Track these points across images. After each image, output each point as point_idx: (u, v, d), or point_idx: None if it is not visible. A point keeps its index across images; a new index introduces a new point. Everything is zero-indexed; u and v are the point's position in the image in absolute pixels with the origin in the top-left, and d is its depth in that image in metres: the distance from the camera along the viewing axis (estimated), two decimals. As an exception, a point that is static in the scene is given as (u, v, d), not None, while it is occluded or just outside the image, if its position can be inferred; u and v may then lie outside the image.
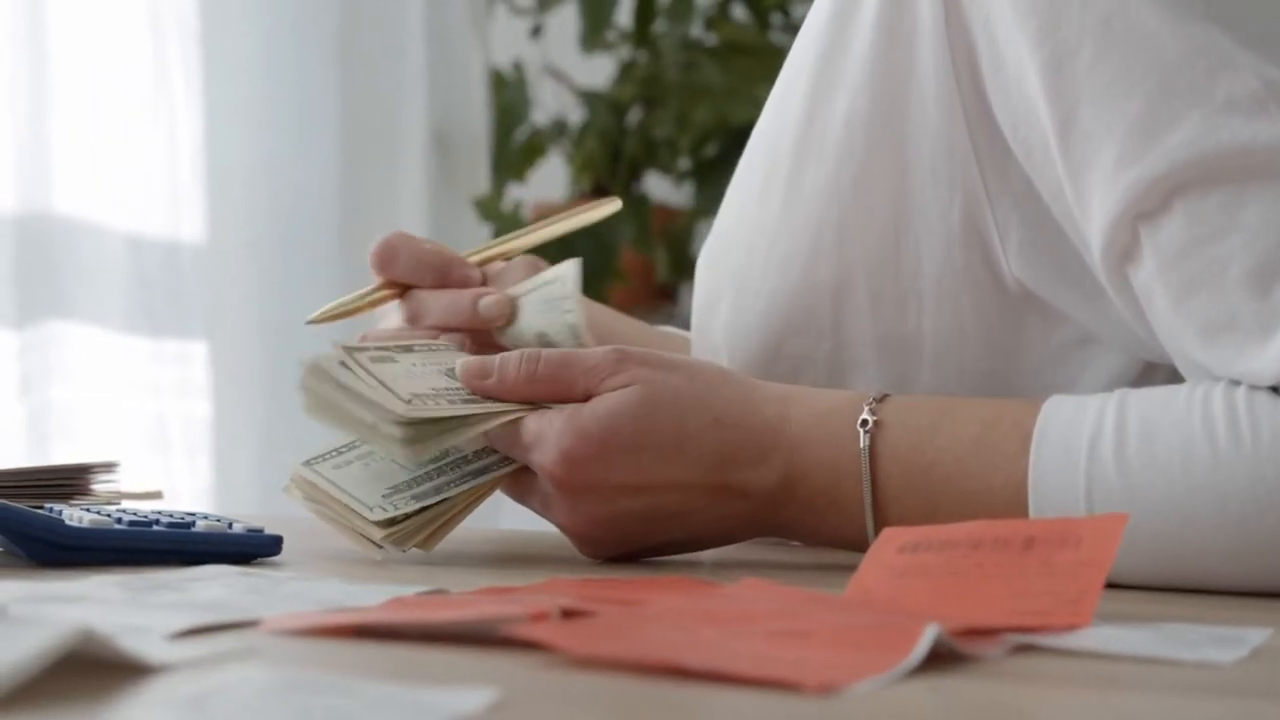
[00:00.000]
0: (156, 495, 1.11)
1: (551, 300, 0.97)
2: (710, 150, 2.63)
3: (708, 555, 0.94)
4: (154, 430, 1.91)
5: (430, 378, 0.90)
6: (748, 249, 0.99)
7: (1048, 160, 0.86)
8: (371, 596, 0.70)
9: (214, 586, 0.73)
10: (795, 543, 1.03)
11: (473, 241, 2.48)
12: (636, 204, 2.61)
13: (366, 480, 0.90)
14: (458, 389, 0.89)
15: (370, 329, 1.03)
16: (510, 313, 0.98)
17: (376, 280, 1.01)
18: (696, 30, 2.65)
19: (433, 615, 0.61)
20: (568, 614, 0.60)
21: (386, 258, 1.00)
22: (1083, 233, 0.86)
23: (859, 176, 0.93)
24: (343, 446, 0.93)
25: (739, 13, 2.65)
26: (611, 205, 1.06)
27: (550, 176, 2.72)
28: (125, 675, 0.52)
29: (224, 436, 2.01)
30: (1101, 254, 0.85)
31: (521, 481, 0.90)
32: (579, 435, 0.86)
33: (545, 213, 2.59)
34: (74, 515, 0.84)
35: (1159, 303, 0.84)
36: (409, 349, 0.92)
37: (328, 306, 1.01)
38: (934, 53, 0.90)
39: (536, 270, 1.01)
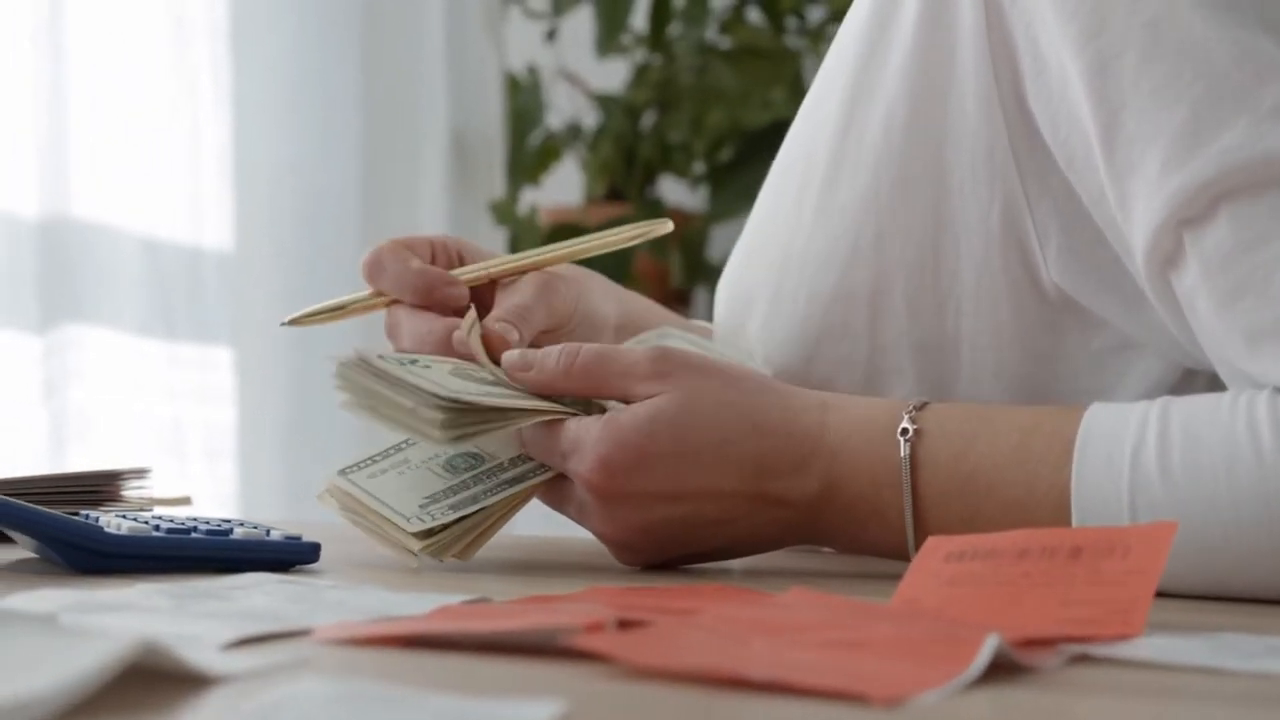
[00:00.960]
0: (185, 501, 1.11)
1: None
2: (725, 154, 2.63)
3: (739, 563, 0.94)
4: (172, 436, 1.91)
5: (467, 380, 0.90)
6: (782, 254, 0.99)
7: (1090, 165, 0.86)
8: (415, 605, 0.70)
9: (256, 595, 0.73)
10: (828, 550, 1.03)
11: (488, 246, 2.48)
12: (651, 208, 2.61)
13: (402, 490, 0.89)
14: (496, 388, 0.89)
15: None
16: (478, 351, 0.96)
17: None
18: (711, 34, 2.65)
19: (487, 625, 0.61)
20: (623, 624, 0.60)
21: (373, 270, 0.97)
22: (1125, 238, 0.86)
23: (897, 182, 0.93)
24: (377, 455, 0.92)
25: (754, 16, 2.65)
26: (662, 227, 1.01)
27: (564, 180, 2.72)
28: (183, 686, 0.52)
29: (249, 442, 2.01)
30: (1144, 260, 0.85)
31: (558, 488, 0.89)
32: (616, 443, 0.85)
33: (560, 219, 2.59)
34: (112, 522, 0.84)
35: (1202, 309, 0.83)
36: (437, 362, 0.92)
37: (312, 307, 1.00)
38: (974, 58, 0.90)
39: (544, 292, 0.98)
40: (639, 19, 2.66)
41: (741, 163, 2.59)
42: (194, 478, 1.92)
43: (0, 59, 1.81)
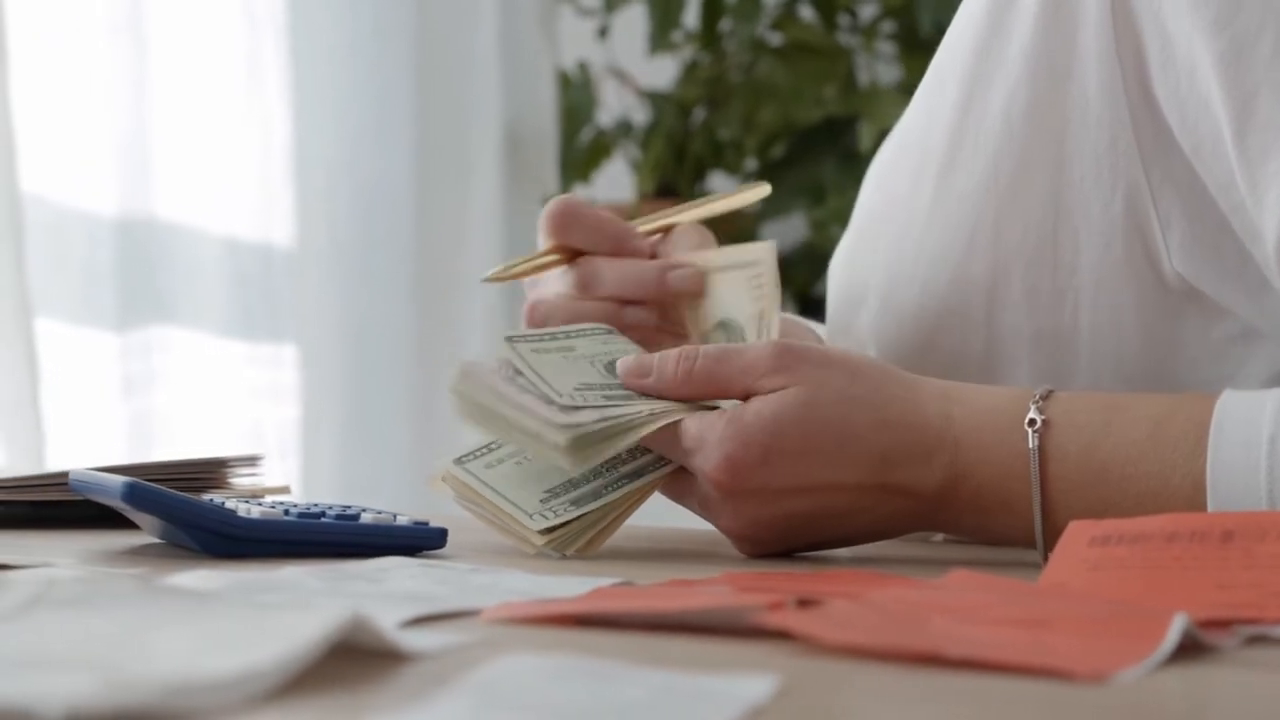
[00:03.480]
0: (285, 490, 1.11)
1: (746, 282, 0.96)
2: (777, 151, 2.62)
3: (843, 550, 0.94)
4: (250, 433, 1.92)
5: (589, 371, 0.89)
6: (896, 246, 0.98)
7: (1219, 152, 0.86)
8: (566, 587, 0.70)
9: (402, 578, 0.73)
10: (938, 537, 1.02)
11: (542, 244, 2.48)
12: (702, 205, 2.61)
13: (521, 482, 0.89)
14: (617, 384, 0.89)
15: (533, 292, 1.02)
16: (702, 289, 0.97)
17: (543, 245, 1.00)
18: (762, 30, 2.65)
19: (665, 605, 0.61)
20: (801, 604, 0.59)
21: (563, 222, 0.98)
22: (1253, 225, 0.86)
23: (1017, 170, 0.93)
24: (493, 443, 0.92)
25: (806, 12, 2.65)
26: (762, 190, 1.06)
27: (614, 177, 2.72)
28: (381, 662, 0.52)
29: (311, 438, 2.01)
30: (1275, 246, 0.84)
31: (680, 481, 0.89)
32: (742, 440, 0.85)
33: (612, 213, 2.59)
34: (244, 507, 0.84)
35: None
36: (569, 335, 0.92)
37: (499, 267, 1.01)
38: (1098, 44, 0.89)
39: (704, 239, 1.00)
40: (690, 16, 2.66)
41: (793, 160, 2.59)
42: (270, 475, 1.93)
43: (81, 58, 1.82)
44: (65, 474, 0.92)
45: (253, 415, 1.96)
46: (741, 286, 0.97)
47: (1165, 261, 0.91)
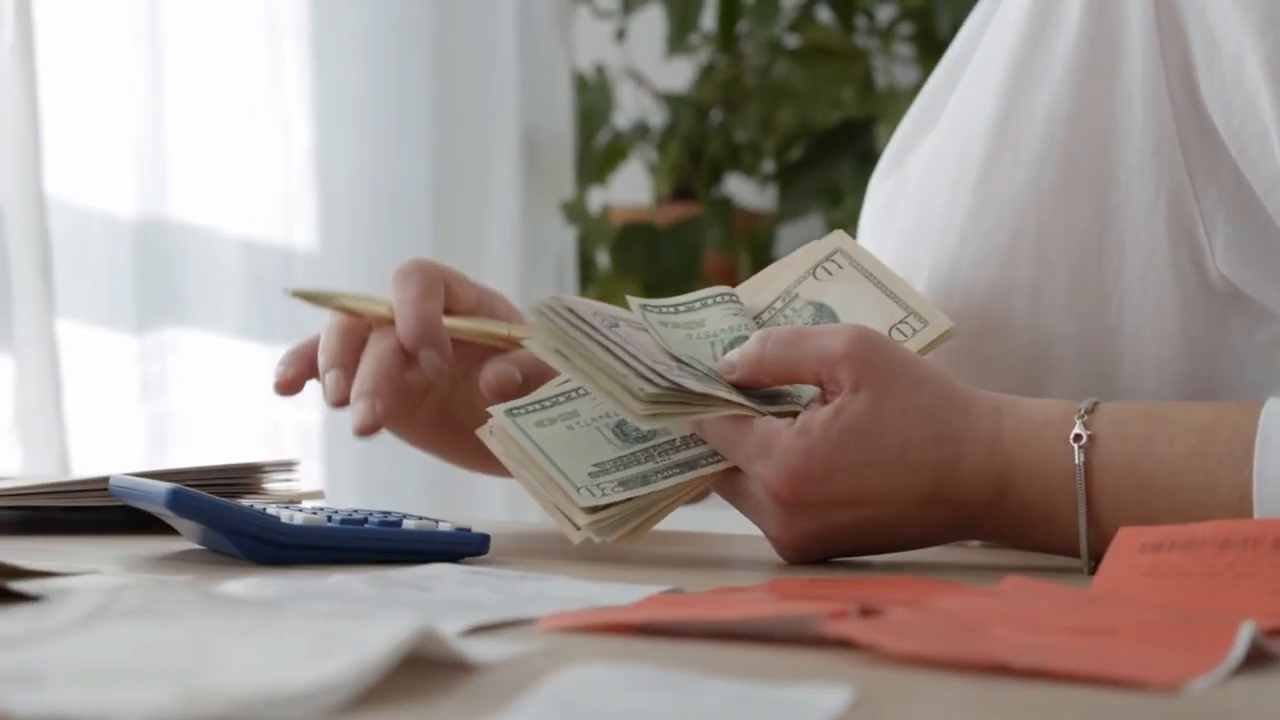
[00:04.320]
0: (319, 495, 1.11)
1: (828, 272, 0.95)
2: (794, 154, 2.62)
3: (880, 556, 0.93)
4: (270, 436, 1.91)
5: (663, 354, 0.88)
6: (934, 251, 0.98)
7: (1265, 154, 0.85)
8: (618, 595, 0.70)
9: (452, 585, 0.72)
10: (973, 543, 1.02)
11: (559, 245, 2.49)
12: (721, 207, 2.61)
13: (572, 449, 0.87)
14: (691, 369, 0.87)
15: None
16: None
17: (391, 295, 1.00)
18: (779, 32, 2.64)
19: (727, 614, 0.60)
20: (863, 613, 0.59)
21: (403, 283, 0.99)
22: None
23: (1061, 174, 0.92)
24: (545, 400, 0.90)
25: (824, 14, 2.64)
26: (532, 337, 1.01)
27: (631, 180, 2.71)
28: (450, 672, 0.52)
29: (333, 442, 2.01)
30: None
31: (733, 481, 0.88)
32: (807, 454, 0.83)
33: (631, 218, 2.59)
34: (285, 514, 0.84)
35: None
36: (693, 308, 0.91)
37: (323, 289, 1.01)
38: (1142, 47, 0.89)
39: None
40: (707, 18, 2.65)
41: (811, 162, 2.58)
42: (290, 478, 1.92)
43: (100, 61, 1.82)
44: (104, 479, 0.92)
45: (273, 418, 1.95)
46: (831, 280, 0.95)
47: (1210, 264, 0.90)
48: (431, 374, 0.96)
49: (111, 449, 1.81)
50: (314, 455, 1.99)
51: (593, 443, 0.87)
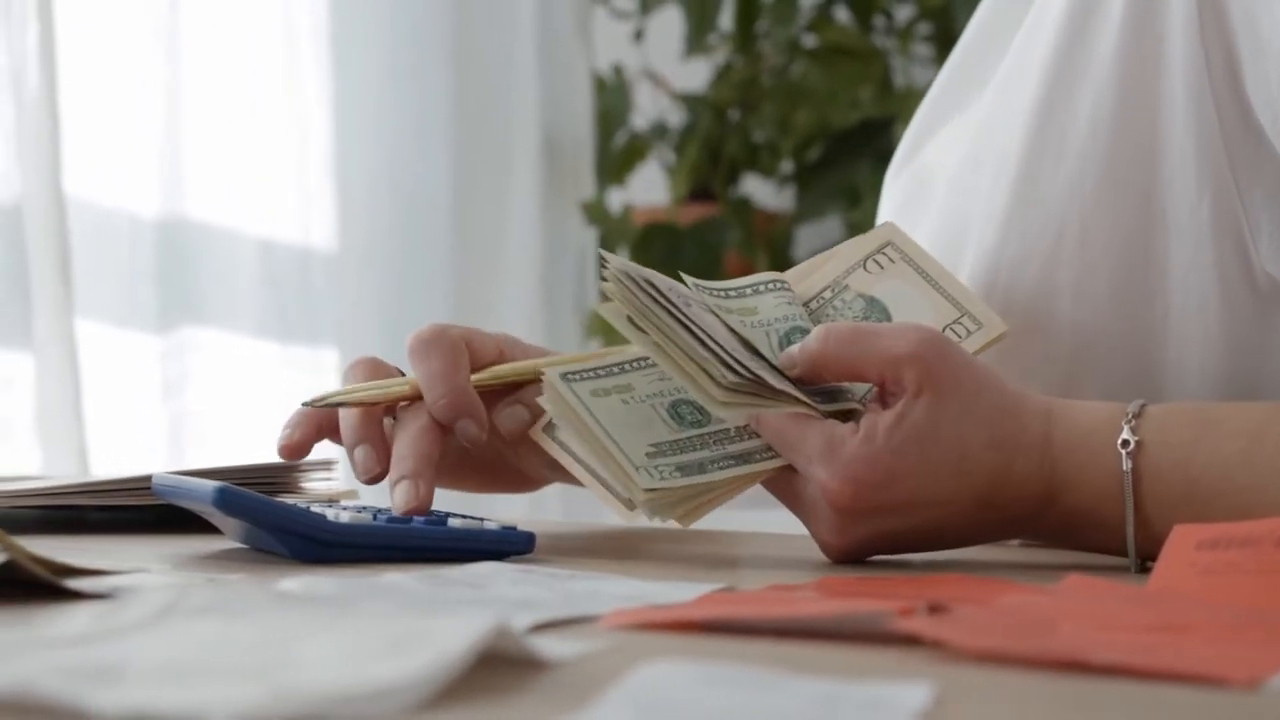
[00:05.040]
0: (352, 495, 1.10)
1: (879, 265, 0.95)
2: (812, 154, 2.61)
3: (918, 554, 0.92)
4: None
5: (763, 342, 0.87)
6: (975, 251, 0.97)
7: (1313, 154, 0.85)
8: (673, 593, 0.69)
9: (504, 584, 0.72)
10: (1014, 541, 1.01)
11: (578, 245, 2.48)
12: (739, 207, 2.60)
13: (628, 424, 0.85)
14: (764, 363, 0.86)
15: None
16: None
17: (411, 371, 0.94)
18: (798, 32, 2.64)
19: (795, 610, 0.60)
20: (931, 610, 0.59)
21: (422, 354, 0.92)
22: None
23: (1104, 174, 0.92)
24: (600, 368, 0.88)
25: (842, 15, 2.64)
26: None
27: (649, 180, 2.71)
28: (519, 670, 0.51)
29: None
30: None
31: (788, 482, 0.86)
32: (869, 463, 0.83)
33: (651, 218, 2.58)
34: (331, 512, 0.83)
35: None
36: (744, 294, 0.90)
37: (337, 392, 0.97)
38: (1185, 44, 0.88)
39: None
40: (725, 18, 2.65)
41: (829, 162, 2.58)
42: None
43: (121, 61, 1.82)
44: (146, 478, 0.92)
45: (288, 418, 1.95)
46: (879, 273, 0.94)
47: (1255, 264, 0.90)
48: (470, 445, 0.93)
49: (131, 448, 1.80)
50: (337, 454, 1.99)
51: (648, 421, 0.86)
